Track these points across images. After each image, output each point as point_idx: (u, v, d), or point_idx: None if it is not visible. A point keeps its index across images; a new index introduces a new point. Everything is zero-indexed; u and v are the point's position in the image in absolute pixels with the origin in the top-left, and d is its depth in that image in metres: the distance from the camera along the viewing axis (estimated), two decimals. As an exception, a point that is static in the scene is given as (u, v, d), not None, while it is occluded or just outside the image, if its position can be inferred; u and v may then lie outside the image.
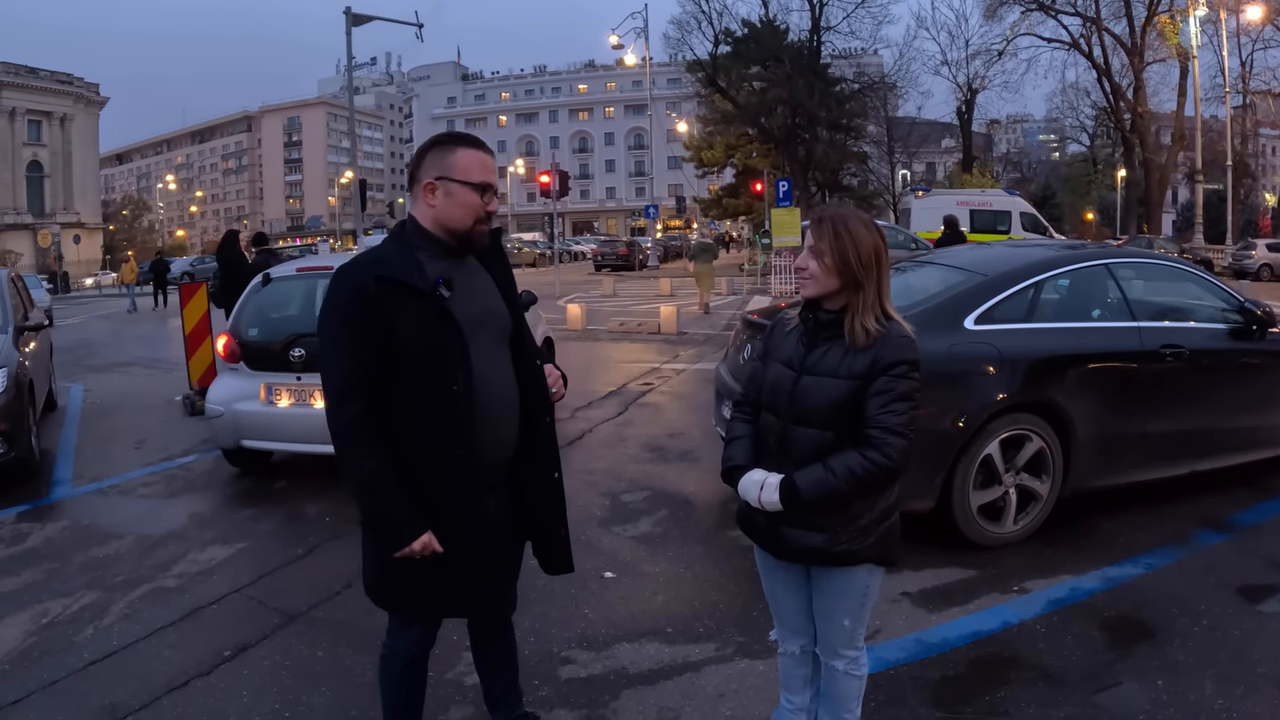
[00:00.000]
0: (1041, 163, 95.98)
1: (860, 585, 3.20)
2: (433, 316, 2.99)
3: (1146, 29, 48.71)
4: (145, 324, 27.40)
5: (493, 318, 3.21)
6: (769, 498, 3.03)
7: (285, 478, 8.45)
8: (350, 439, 3.00)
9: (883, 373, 2.96)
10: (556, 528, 3.45)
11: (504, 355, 3.25)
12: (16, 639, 5.11)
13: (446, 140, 3.17)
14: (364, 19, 34.92)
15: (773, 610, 3.51)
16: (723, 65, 53.84)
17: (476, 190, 3.07)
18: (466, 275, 3.16)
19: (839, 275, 3.02)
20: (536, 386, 3.32)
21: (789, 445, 3.11)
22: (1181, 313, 7.02)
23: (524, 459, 3.33)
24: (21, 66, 76.10)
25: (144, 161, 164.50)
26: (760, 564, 3.44)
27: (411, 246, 3.08)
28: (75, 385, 14.25)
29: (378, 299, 2.95)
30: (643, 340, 18.29)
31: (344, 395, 2.99)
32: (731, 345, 7.82)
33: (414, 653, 3.43)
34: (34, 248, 70.64)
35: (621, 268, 49.48)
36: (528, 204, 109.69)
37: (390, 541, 3.03)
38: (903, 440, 2.94)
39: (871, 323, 3.00)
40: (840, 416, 3.01)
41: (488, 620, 3.64)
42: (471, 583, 3.19)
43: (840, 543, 3.08)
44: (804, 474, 3.00)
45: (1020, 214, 35.14)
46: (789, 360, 3.18)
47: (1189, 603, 5.10)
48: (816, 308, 3.13)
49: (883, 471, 2.94)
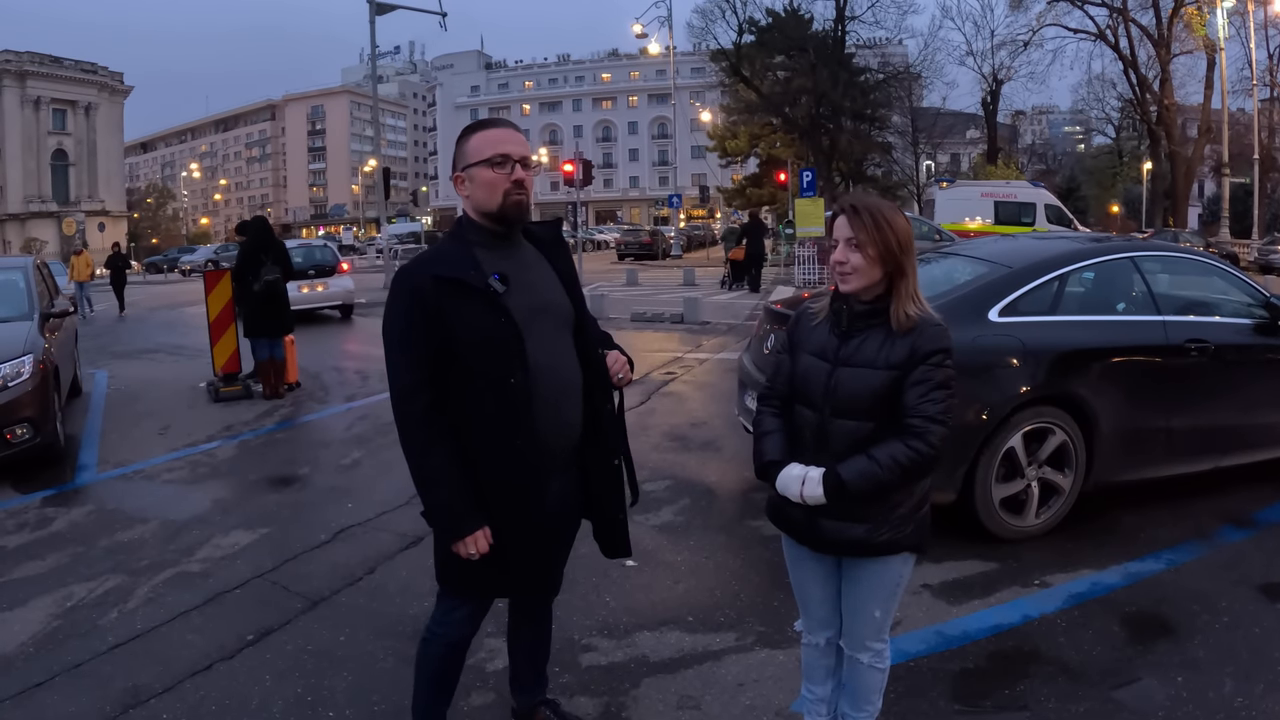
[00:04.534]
0: (1067, 155, 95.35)
1: (895, 575, 3.22)
2: (488, 312, 3.05)
3: (1173, 20, 48.20)
4: (162, 314, 27.45)
5: (552, 308, 3.26)
6: (812, 492, 3.01)
7: (308, 464, 8.51)
8: (414, 434, 3.10)
9: (921, 361, 2.97)
10: (616, 511, 3.48)
11: (566, 342, 3.29)
12: (41, 622, 5.15)
13: (465, 131, 3.25)
14: (387, 7, 34.90)
15: (800, 602, 3.48)
16: (747, 54, 53.57)
17: (490, 165, 3.10)
18: (525, 268, 3.22)
19: (882, 265, 3.01)
20: (598, 372, 3.36)
21: (827, 438, 3.09)
22: (1206, 307, 6.95)
23: (588, 443, 3.38)
24: (46, 56, 76.63)
25: (168, 150, 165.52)
26: (789, 556, 3.42)
27: (467, 241, 3.16)
28: (100, 372, 14.37)
29: (434, 297, 3.02)
30: (665, 329, 18.30)
31: (407, 392, 3.09)
32: (755, 335, 7.81)
33: (458, 637, 3.46)
34: (59, 235, 71.08)
35: (645, 256, 49.50)
36: (551, 193, 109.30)
37: (447, 534, 3.13)
38: (943, 428, 2.96)
39: (912, 309, 3.02)
40: (880, 407, 3.01)
41: (527, 608, 3.69)
42: (530, 564, 3.27)
43: (882, 533, 3.08)
44: (848, 466, 2.98)
45: (1045, 206, 34.93)
46: (822, 352, 3.16)
47: (1210, 599, 5.07)
48: (852, 298, 3.10)
49: (925, 460, 2.94)
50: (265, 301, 11.58)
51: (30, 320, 9.22)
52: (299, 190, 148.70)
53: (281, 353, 11.92)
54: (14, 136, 74.30)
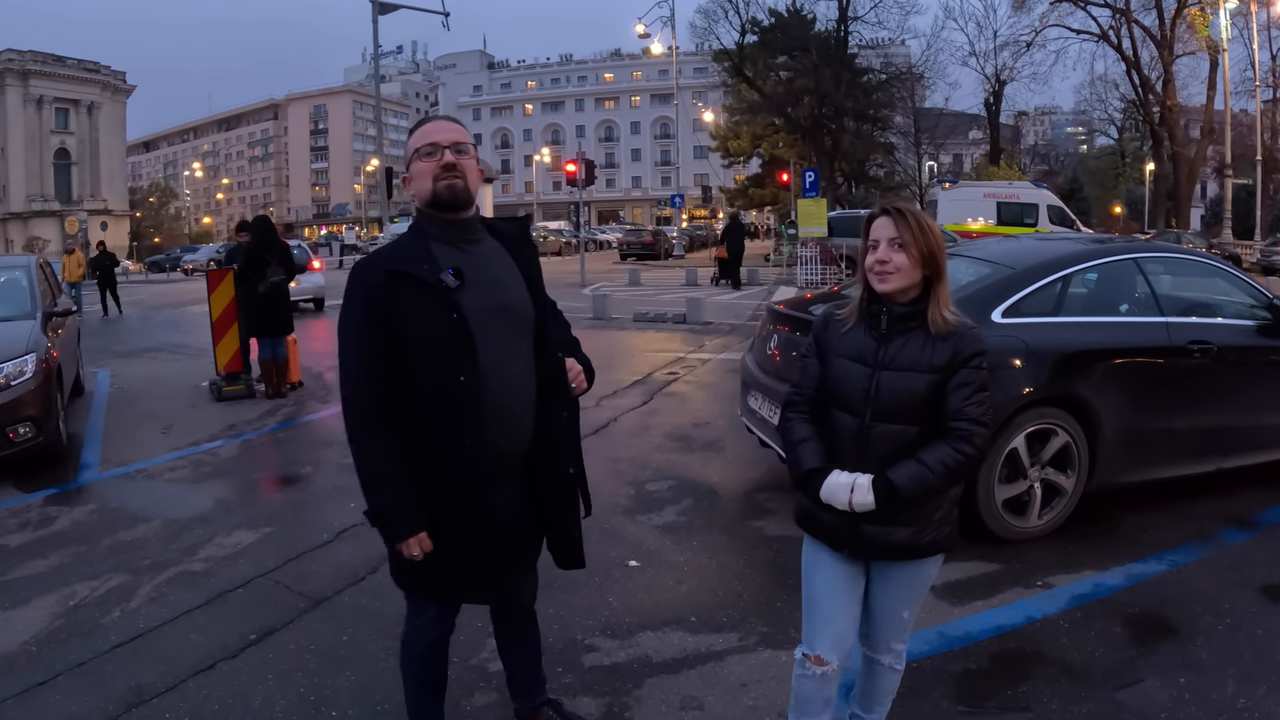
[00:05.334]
0: (1069, 155, 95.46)
1: (928, 576, 3.22)
2: (439, 308, 3.01)
3: (1176, 21, 48.14)
4: (164, 313, 27.48)
5: (511, 307, 3.20)
6: (862, 499, 2.96)
7: (311, 463, 8.52)
8: (362, 430, 3.09)
9: (964, 364, 2.97)
10: (570, 523, 3.43)
11: (524, 346, 3.23)
12: (44, 621, 5.15)
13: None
14: (390, 7, 35.05)
15: (815, 617, 3.24)
16: (749, 55, 53.64)
17: (421, 157, 3.11)
18: (484, 265, 3.18)
19: (923, 267, 3.00)
20: (555, 379, 3.29)
21: (870, 443, 3.04)
22: (1209, 308, 6.95)
23: (541, 452, 3.31)
24: (49, 55, 76.75)
25: (171, 149, 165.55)
26: (810, 563, 3.27)
27: (425, 236, 3.14)
28: (103, 371, 14.38)
29: (387, 292, 3.01)
30: (668, 329, 18.30)
31: (359, 386, 3.09)
32: (758, 335, 7.81)
33: (432, 637, 3.46)
34: (61, 234, 71.13)
35: (647, 256, 49.50)
36: (553, 192, 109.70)
37: (388, 536, 3.11)
38: (986, 430, 2.98)
39: (950, 312, 3.02)
40: (924, 410, 2.99)
41: (507, 608, 3.67)
42: (481, 568, 3.22)
43: (926, 535, 3.07)
44: (898, 471, 2.94)
45: (1047, 207, 34.92)
46: (860, 356, 3.09)
47: (1213, 601, 5.07)
48: (890, 301, 3.06)
49: (971, 462, 2.96)
50: (269, 302, 11.59)
51: (33, 319, 9.24)
52: (301, 190, 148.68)
53: (284, 352, 11.94)
54: (17, 135, 74.39)
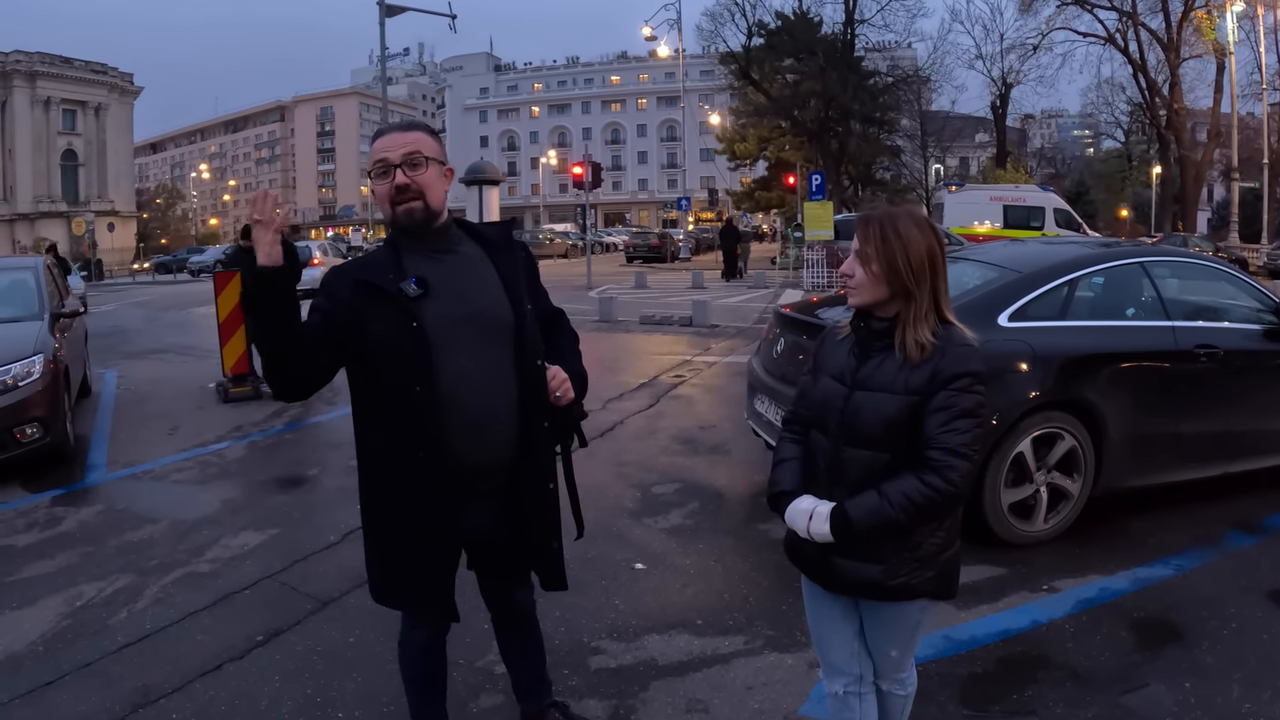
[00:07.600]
0: (1076, 159, 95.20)
1: (912, 620, 2.97)
2: (398, 318, 2.98)
3: (1183, 24, 48.09)
4: (171, 315, 27.51)
5: (484, 315, 3.11)
6: (818, 528, 2.74)
7: (318, 465, 8.53)
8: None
9: (943, 386, 2.68)
10: (548, 540, 3.31)
11: (499, 353, 3.12)
12: (51, 621, 5.16)
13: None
14: (397, 9, 35.07)
15: (819, 647, 3.18)
16: (756, 57, 53.71)
17: (374, 178, 3.08)
18: (456, 273, 3.13)
19: (887, 283, 2.75)
20: (535, 388, 3.17)
21: (841, 468, 2.82)
22: (1216, 313, 6.96)
23: (524, 463, 3.20)
24: (56, 56, 76.86)
25: (177, 150, 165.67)
26: (806, 593, 3.14)
27: (397, 246, 3.13)
28: (110, 371, 14.37)
29: (351, 300, 3.00)
30: (674, 332, 18.30)
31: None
32: (764, 339, 7.81)
33: (422, 640, 3.44)
34: (68, 236, 71.19)
35: (653, 259, 49.49)
36: (560, 195, 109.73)
37: (250, 280, 2.92)
38: (965, 463, 2.65)
39: (925, 334, 2.72)
40: (896, 436, 2.73)
41: (505, 617, 3.65)
42: (436, 578, 3.18)
43: (899, 575, 2.79)
44: (856, 503, 2.71)
45: (1054, 210, 34.99)
46: (840, 374, 2.89)
47: (1219, 605, 5.06)
48: (868, 316, 2.85)
49: (944, 498, 2.65)
50: None
51: (41, 320, 9.25)
52: (308, 191, 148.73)
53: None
54: (24, 136, 74.51)
